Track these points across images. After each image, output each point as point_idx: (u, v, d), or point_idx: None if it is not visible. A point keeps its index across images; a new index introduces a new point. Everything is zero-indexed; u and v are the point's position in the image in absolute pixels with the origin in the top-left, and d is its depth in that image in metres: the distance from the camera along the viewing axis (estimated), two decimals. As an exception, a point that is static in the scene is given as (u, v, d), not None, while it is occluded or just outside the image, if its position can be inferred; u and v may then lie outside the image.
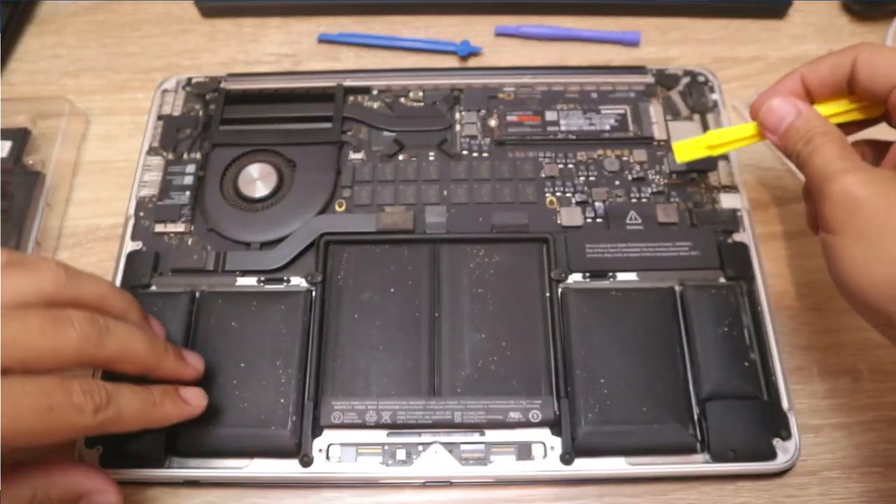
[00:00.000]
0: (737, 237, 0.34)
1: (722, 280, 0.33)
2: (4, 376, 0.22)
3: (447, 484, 0.30)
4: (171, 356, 0.28)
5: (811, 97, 0.29)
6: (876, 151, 0.29)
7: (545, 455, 0.30)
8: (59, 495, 0.26)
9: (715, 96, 0.39)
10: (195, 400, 0.28)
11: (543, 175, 0.37)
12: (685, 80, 0.40)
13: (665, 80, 0.40)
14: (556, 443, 0.30)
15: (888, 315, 0.24)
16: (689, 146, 0.31)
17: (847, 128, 0.29)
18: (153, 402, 0.27)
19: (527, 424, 0.30)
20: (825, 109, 0.28)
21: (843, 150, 0.26)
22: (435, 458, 0.30)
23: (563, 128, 0.38)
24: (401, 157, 0.37)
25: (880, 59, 0.26)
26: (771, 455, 0.29)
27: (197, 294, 0.33)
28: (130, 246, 0.35)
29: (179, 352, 0.29)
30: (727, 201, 0.36)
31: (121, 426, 0.25)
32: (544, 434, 0.30)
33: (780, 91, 0.29)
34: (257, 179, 0.36)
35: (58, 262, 0.26)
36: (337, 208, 0.36)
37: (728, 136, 0.31)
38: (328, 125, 0.38)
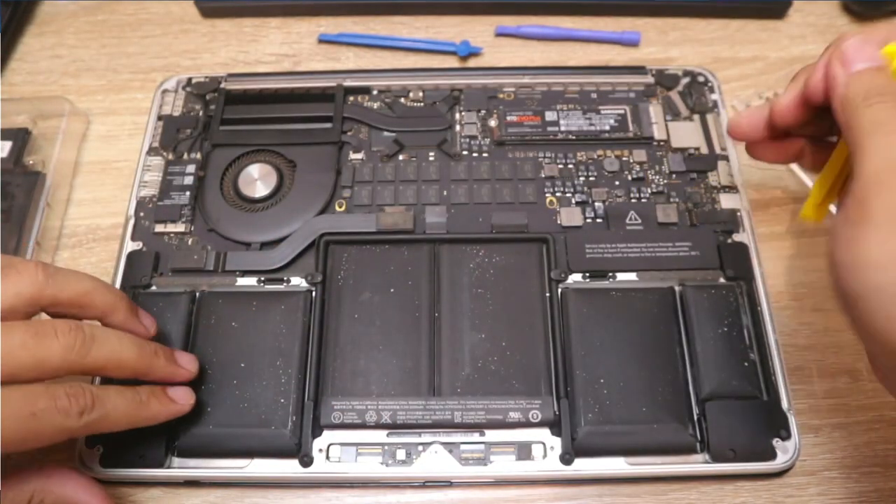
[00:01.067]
0: (736, 237, 0.34)
1: (722, 280, 0.33)
2: None
3: (447, 484, 0.30)
4: (162, 359, 0.28)
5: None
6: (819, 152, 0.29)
7: (545, 455, 0.30)
8: (53, 502, 0.26)
9: (715, 96, 0.39)
10: (182, 398, 0.28)
11: (543, 175, 0.37)
12: (685, 80, 0.40)
13: (665, 80, 0.40)
14: (555, 443, 0.30)
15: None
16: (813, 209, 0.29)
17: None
18: (140, 401, 0.27)
19: (527, 424, 0.30)
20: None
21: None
22: (435, 458, 0.30)
23: (562, 128, 0.38)
24: (401, 158, 0.38)
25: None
26: (771, 455, 0.29)
27: (197, 294, 0.33)
28: (131, 246, 0.35)
29: (171, 353, 0.29)
30: (727, 201, 0.36)
31: (108, 426, 0.26)
32: (544, 434, 0.30)
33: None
34: (257, 179, 0.36)
35: (37, 262, 0.26)
36: (337, 208, 0.36)
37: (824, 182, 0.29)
38: (328, 125, 0.38)
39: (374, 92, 0.40)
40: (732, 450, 0.29)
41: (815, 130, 0.29)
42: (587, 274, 0.33)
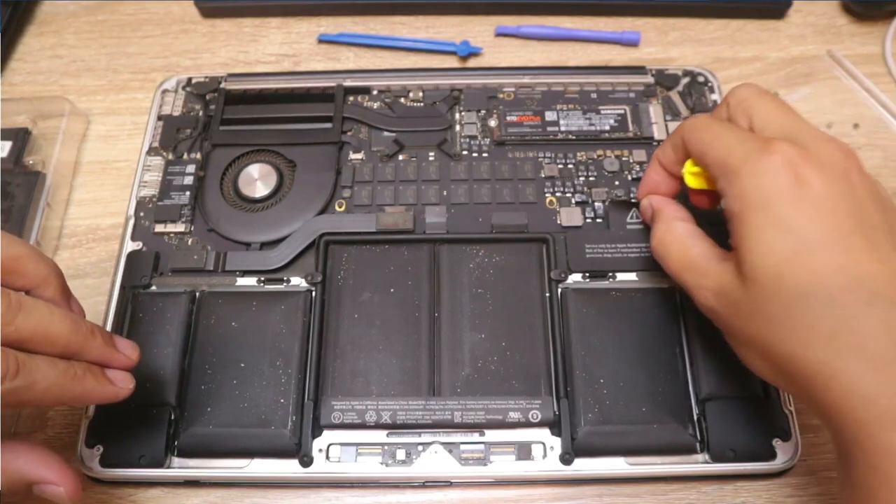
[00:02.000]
0: (736, 237, 0.34)
1: (722, 280, 0.33)
2: None
3: (447, 484, 0.30)
4: (99, 339, 0.25)
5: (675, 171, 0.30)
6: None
7: (545, 455, 0.30)
8: (6, 482, 0.24)
9: (714, 96, 0.39)
10: (122, 381, 0.26)
11: (543, 175, 0.37)
12: (685, 80, 0.40)
13: (665, 80, 0.40)
14: (555, 443, 0.30)
15: (784, 389, 0.28)
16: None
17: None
18: (73, 375, 0.24)
19: (526, 424, 0.30)
20: (689, 168, 0.29)
21: (684, 244, 0.28)
22: (435, 458, 0.30)
23: (562, 128, 0.38)
24: (401, 158, 0.38)
25: (694, 137, 0.27)
26: (770, 455, 0.29)
27: (197, 294, 0.33)
28: (130, 246, 0.35)
29: (109, 337, 0.26)
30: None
31: (33, 398, 0.23)
32: (544, 434, 0.30)
33: (647, 185, 0.31)
34: (257, 179, 0.36)
35: None
36: (337, 208, 0.36)
37: None
38: (328, 125, 0.38)
39: (374, 92, 0.40)
40: (732, 450, 0.29)
41: None
42: (587, 274, 0.33)
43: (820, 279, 0.22)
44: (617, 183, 0.36)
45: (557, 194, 0.36)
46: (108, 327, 0.32)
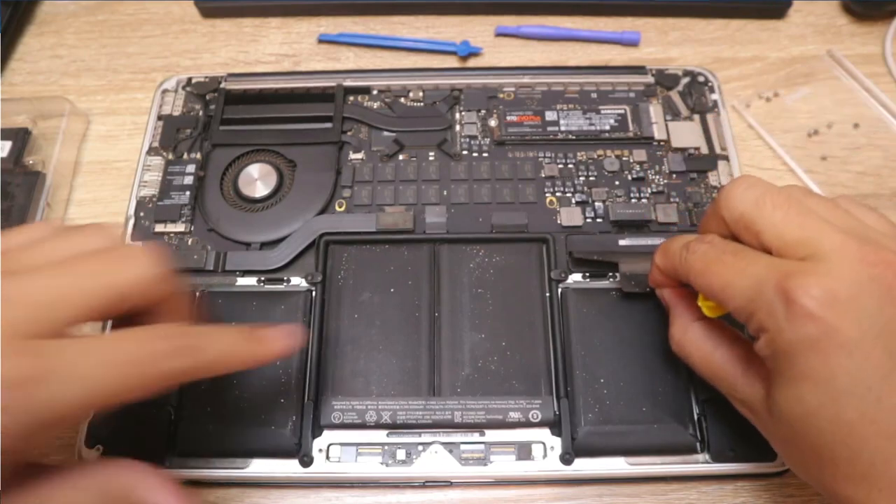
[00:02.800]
0: (737, 237, 0.34)
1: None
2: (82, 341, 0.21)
3: (447, 484, 0.30)
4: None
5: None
6: None
7: (545, 455, 0.30)
8: None
9: (715, 96, 0.39)
10: (293, 333, 0.26)
11: (543, 175, 0.37)
12: (685, 80, 0.40)
13: (665, 80, 0.40)
14: (555, 443, 0.30)
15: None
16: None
17: None
18: (245, 337, 0.25)
19: (527, 424, 0.30)
20: (703, 301, 0.27)
21: (703, 351, 0.26)
22: (435, 458, 0.30)
23: (563, 128, 0.38)
24: (401, 157, 0.37)
25: (699, 279, 0.25)
26: (771, 455, 0.29)
27: (197, 294, 0.33)
28: (130, 246, 0.35)
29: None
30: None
31: (211, 369, 0.23)
32: (544, 434, 0.30)
33: (654, 281, 0.29)
34: (257, 179, 0.36)
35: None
36: (337, 208, 0.36)
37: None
38: (328, 125, 0.38)
39: (374, 92, 0.40)
40: (733, 450, 0.29)
41: None
42: (587, 274, 0.33)
43: (851, 429, 0.21)
44: (617, 183, 0.36)
45: (557, 194, 0.36)
46: (108, 328, 0.32)
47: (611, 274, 0.33)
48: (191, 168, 0.37)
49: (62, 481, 0.22)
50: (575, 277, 0.33)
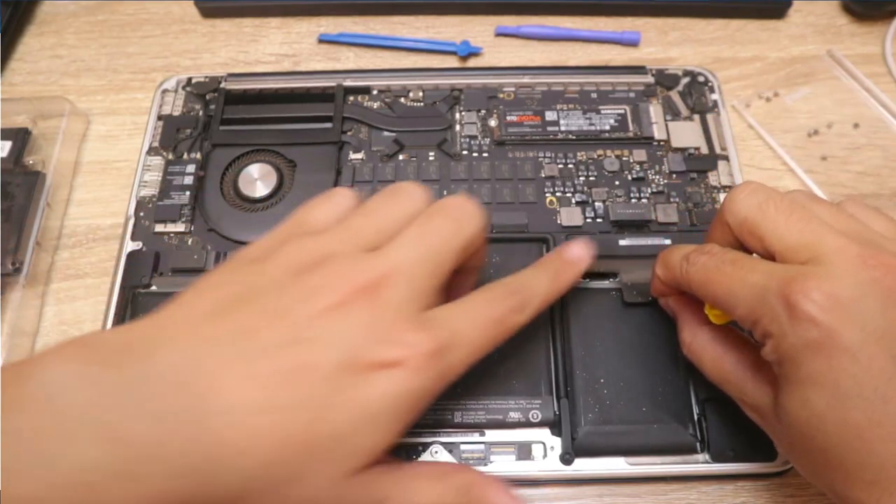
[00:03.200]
0: (737, 237, 0.34)
1: (722, 280, 0.33)
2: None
3: (447, 484, 0.30)
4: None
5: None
6: None
7: (545, 455, 0.30)
8: None
9: (715, 96, 0.39)
10: (582, 252, 0.28)
11: (543, 175, 0.37)
12: (685, 80, 0.40)
13: (665, 80, 0.40)
14: (555, 443, 0.30)
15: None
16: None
17: None
18: (556, 270, 0.27)
19: (527, 424, 0.30)
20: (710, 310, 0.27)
21: (713, 355, 0.27)
22: (435, 458, 0.30)
23: (563, 128, 0.38)
24: (401, 157, 0.37)
25: (702, 289, 0.25)
26: (771, 455, 0.29)
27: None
28: (130, 246, 0.35)
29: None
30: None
31: (534, 316, 0.26)
32: (544, 434, 0.30)
33: (657, 291, 0.30)
34: (257, 179, 0.36)
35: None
36: (337, 208, 0.36)
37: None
38: (328, 125, 0.38)
39: (374, 92, 0.40)
40: (733, 450, 0.29)
41: None
42: (587, 275, 0.33)
43: (859, 432, 0.21)
44: (617, 183, 0.36)
45: (557, 194, 0.36)
46: (108, 328, 0.32)
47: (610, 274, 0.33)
48: (191, 168, 0.37)
49: (423, 472, 0.23)
50: (575, 277, 0.33)
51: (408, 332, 0.21)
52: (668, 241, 0.34)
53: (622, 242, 0.34)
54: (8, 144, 0.37)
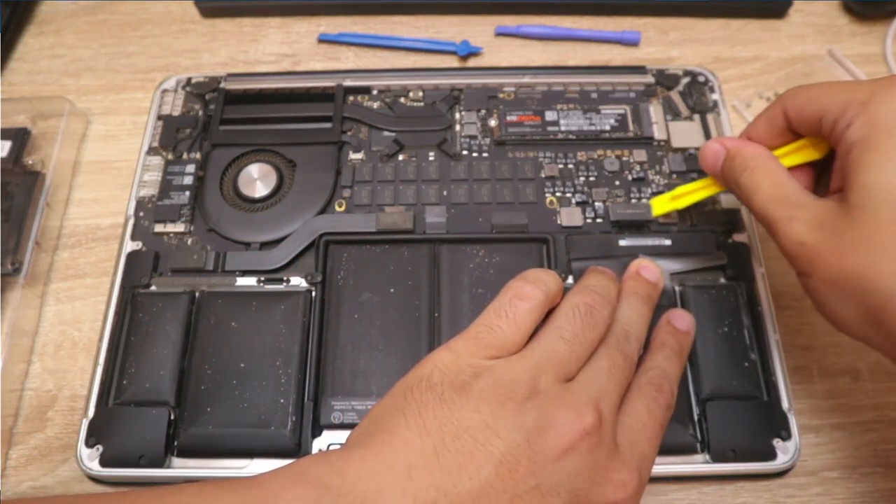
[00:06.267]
0: (737, 237, 0.34)
1: (722, 280, 0.33)
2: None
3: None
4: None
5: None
6: (811, 175, 0.29)
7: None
8: None
9: (715, 96, 0.39)
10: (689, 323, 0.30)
11: (543, 175, 0.36)
12: (685, 80, 0.40)
13: (665, 80, 0.40)
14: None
15: (868, 342, 0.25)
16: (660, 201, 0.34)
17: (805, 169, 0.29)
18: (678, 351, 0.28)
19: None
20: (783, 151, 0.29)
21: (776, 178, 0.27)
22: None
23: (563, 128, 0.38)
24: (401, 157, 0.37)
25: (801, 96, 0.27)
26: (771, 455, 0.29)
27: (197, 294, 0.33)
28: (130, 246, 0.35)
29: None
30: (727, 201, 0.35)
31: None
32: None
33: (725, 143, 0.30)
34: (257, 179, 0.36)
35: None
36: (337, 208, 0.36)
37: (690, 188, 0.33)
38: (328, 125, 0.38)
39: (374, 92, 0.40)
40: (733, 450, 0.29)
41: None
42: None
43: None
44: (617, 183, 0.36)
45: (557, 194, 0.36)
46: (108, 327, 0.32)
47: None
48: (190, 168, 0.37)
49: None
50: (575, 277, 0.33)
51: (619, 472, 0.23)
52: (668, 242, 0.34)
53: (622, 243, 0.34)
54: (7, 144, 0.37)
